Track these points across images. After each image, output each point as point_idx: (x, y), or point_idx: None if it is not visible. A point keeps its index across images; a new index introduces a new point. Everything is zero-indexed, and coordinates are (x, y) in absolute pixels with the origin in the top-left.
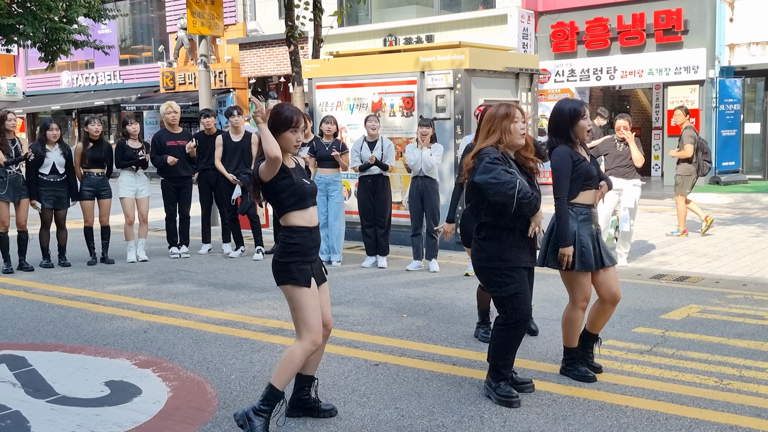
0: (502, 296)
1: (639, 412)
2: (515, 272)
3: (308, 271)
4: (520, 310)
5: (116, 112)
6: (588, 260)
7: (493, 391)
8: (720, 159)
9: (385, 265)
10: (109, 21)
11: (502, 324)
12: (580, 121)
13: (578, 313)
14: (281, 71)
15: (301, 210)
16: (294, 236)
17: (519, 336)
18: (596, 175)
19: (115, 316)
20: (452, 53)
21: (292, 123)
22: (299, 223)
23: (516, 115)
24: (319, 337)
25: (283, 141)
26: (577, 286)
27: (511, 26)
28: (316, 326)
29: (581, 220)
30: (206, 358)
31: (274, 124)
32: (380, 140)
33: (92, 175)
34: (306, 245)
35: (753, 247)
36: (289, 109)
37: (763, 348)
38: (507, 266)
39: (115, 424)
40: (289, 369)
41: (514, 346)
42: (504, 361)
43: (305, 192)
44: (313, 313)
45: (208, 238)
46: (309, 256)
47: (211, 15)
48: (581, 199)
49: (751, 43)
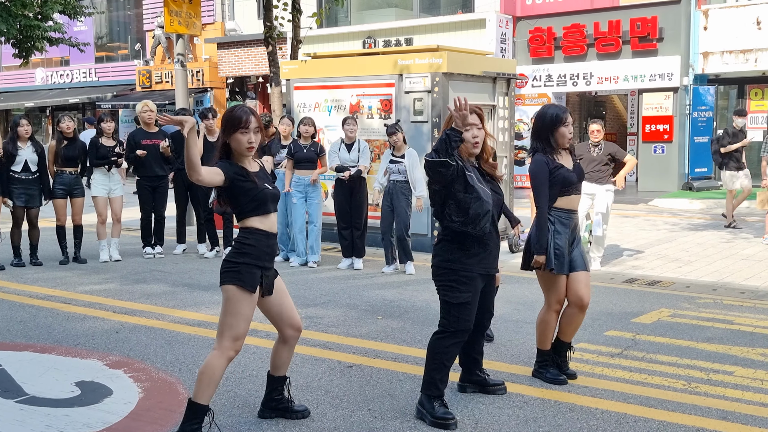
0: (450, 302)
1: (608, 414)
2: (470, 280)
3: (257, 276)
4: (464, 320)
5: (91, 110)
6: (559, 261)
7: (427, 413)
8: (693, 165)
9: (361, 267)
10: (85, 18)
11: (441, 332)
12: (561, 127)
13: (552, 316)
14: (259, 71)
15: (261, 216)
16: (250, 238)
17: (457, 346)
18: (576, 182)
19: (87, 316)
20: (430, 56)
21: (240, 123)
22: (258, 226)
23: (469, 120)
24: (239, 346)
25: (234, 143)
26: (552, 288)
27: (490, 31)
28: (242, 334)
29: (559, 224)
30: (179, 359)
31: (224, 126)
32: (357, 142)
33: (65, 173)
34: (260, 249)
35: (723, 252)
36: (240, 110)
37: (730, 352)
38: (463, 272)
39: (85, 425)
40: (211, 383)
41: (451, 357)
42: (440, 374)
43: (266, 197)
44: (244, 322)
45: (183, 238)
46: (261, 260)
47: (189, 14)
48: (561, 204)
49: (725, 52)
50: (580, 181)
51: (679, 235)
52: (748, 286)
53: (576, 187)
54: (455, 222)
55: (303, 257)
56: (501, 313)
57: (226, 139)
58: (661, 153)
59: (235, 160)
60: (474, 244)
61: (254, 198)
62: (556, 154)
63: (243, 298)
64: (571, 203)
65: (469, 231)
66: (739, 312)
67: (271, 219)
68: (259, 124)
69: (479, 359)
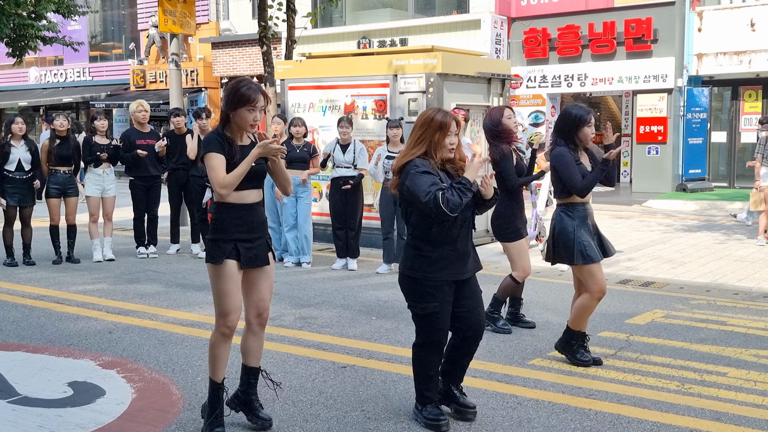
0: (417, 313)
1: (602, 416)
2: (435, 289)
3: (225, 249)
4: (435, 330)
5: (85, 110)
6: (590, 253)
7: (419, 413)
8: (687, 166)
9: (355, 267)
10: (79, 17)
11: (418, 344)
12: (585, 127)
13: (593, 303)
14: (254, 71)
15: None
16: (218, 212)
17: (436, 355)
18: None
19: (80, 316)
20: (425, 57)
21: (249, 101)
22: (228, 199)
23: (451, 128)
24: (231, 322)
25: (238, 118)
26: (589, 278)
27: (484, 31)
28: (228, 311)
29: (579, 218)
30: (172, 360)
31: (230, 100)
32: (353, 143)
33: (59, 173)
34: (230, 222)
35: (717, 253)
36: (247, 86)
37: (724, 353)
38: (426, 281)
39: (78, 426)
40: (215, 361)
41: (433, 366)
42: (425, 385)
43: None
44: (225, 298)
45: (177, 238)
46: (231, 233)
47: (183, 13)
48: (575, 199)
49: (719, 53)
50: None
51: (672, 237)
52: (742, 288)
53: None
54: (416, 228)
55: (296, 257)
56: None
57: (230, 112)
58: (655, 154)
59: (229, 131)
60: (436, 250)
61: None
62: (579, 152)
63: (216, 274)
64: (586, 197)
65: (430, 237)
66: (733, 313)
67: (243, 194)
68: (265, 101)
69: (459, 374)
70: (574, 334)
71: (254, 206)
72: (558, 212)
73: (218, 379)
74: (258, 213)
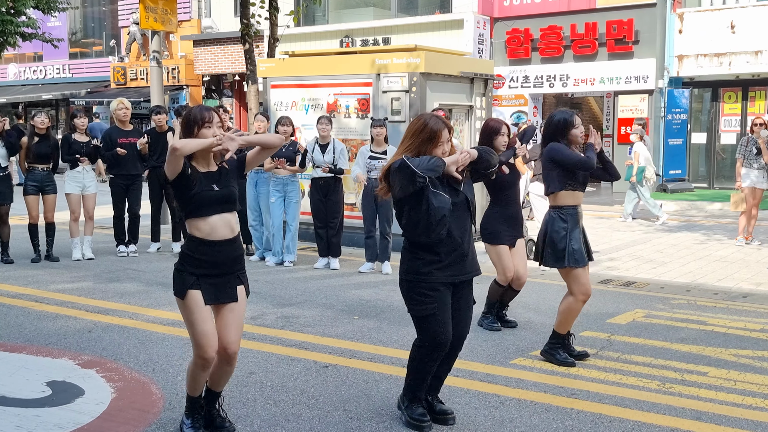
0: (416, 315)
1: (584, 415)
2: (433, 291)
3: (188, 281)
4: (435, 332)
5: (65, 107)
6: (578, 257)
7: (404, 411)
8: (667, 167)
9: (337, 266)
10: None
11: (419, 345)
12: (573, 130)
13: (577, 305)
14: (236, 69)
15: (197, 218)
16: (187, 244)
17: (434, 360)
18: (582, 179)
19: (59, 315)
20: (408, 56)
21: (204, 119)
22: (194, 234)
23: (442, 139)
24: (206, 354)
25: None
26: (574, 280)
27: (467, 31)
28: (200, 343)
29: (571, 221)
30: (152, 359)
31: (186, 126)
32: (332, 143)
33: (37, 170)
34: (195, 258)
35: (697, 253)
36: (197, 108)
37: (704, 353)
38: (424, 284)
39: (56, 426)
40: (189, 381)
41: (429, 369)
42: (417, 381)
43: (203, 201)
44: (194, 327)
45: (158, 236)
46: (197, 267)
47: (165, 10)
48: (568, 201)
49: (699, 55)
50: (585, 179)
51: (653, 237)
52: (722, 288)
53: (582, 182)
54: (408, 230)
55: (279, 256)
56: (477, 312)
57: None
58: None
59: (194, 161)
60: (430, 252)
61: (190, 200)
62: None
63: (182, 305)
64: (577, 199)
65: (422, 240)
66: (713, 313)
67: (211, 223)
68: (219, 119)
69: (436, 384)
70: (560, 336)
71: (224, 243)
72: (550, 213)
73: (195, 395)
74: (227, 250)
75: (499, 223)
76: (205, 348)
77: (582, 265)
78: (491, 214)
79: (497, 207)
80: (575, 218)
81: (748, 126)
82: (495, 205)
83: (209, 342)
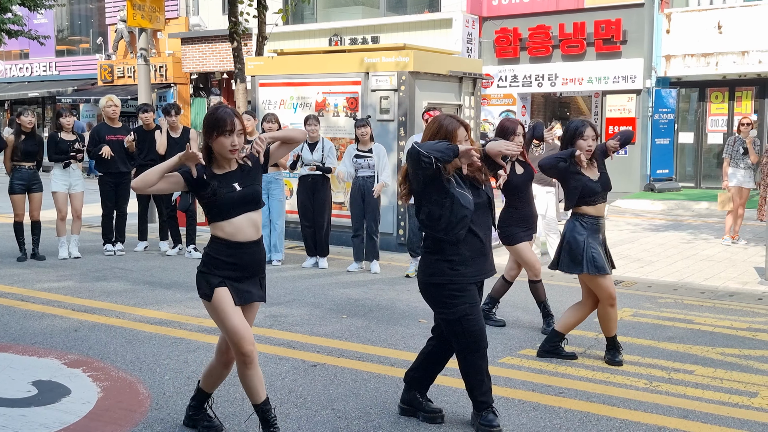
0: (448, 319)
1: (571, 413)
2: (461, 291)
3: (213, 281)
4: (472, 332)
5: (51, 104)
6: (600, 264)
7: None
8: (654, 167)
9: (325, 265)
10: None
11: (460, 352)
12: (579, 140)
13: (608, 309)
14: (224, 68)
15: (223, 221)
16: (210, 246)
17: (482, 359)
18: (600, 191)
19: (45, 314)
20: (397, 55)
21: (225, 126)
22: (218, 234)
23: (459, 137)
24: (246, 349)
25: (216, 146)
26: (598, 288)
27: (456, 30)
28: (237, 338)
29: (590, 230)
30: (139, 358)
31: (207, 128)
32: (321, 141)
33: (23, 168)
34: (219, 259)
35: (684, 252)
36: (223, 111)
37: (691, 351)
38: (451, 285)
39: (42, 425)
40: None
41: (482, 370)
42: (479, 390)
43: (227, 203)
44: (227, 323)
45: (145, 235)
46: (220, 269)
47: (152, 8)
48: (590, 212)
49: (687, 55)
50: (605, 190)
51: (641, 236)
52: (708, 287)
53: (601, 195)
54: (427, 225)
55: (267, 255)
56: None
57: (209, 141)
58: (623, 154)
59: (214, 162)
60: (455, 253)
61: (214, 205)
62: (579, 165)
63: (210, 307)
64: (599, 210)
65: (443, 237)
66: (699, 312)
67: (235, 224)
68: (242, 126)
69: (426, 383)
70: (611, 340)
71: (249, 245)
72: (571, 220)
73: (259, 401)
74: (252, 252)
75: (513, 225)
76: (242, 342)
77: (604, 272)
78: (506, 215)
79: (511, 208)
80: (596, 228)
81: (734, 126)
82: (509, 207)
83: (245, 335)
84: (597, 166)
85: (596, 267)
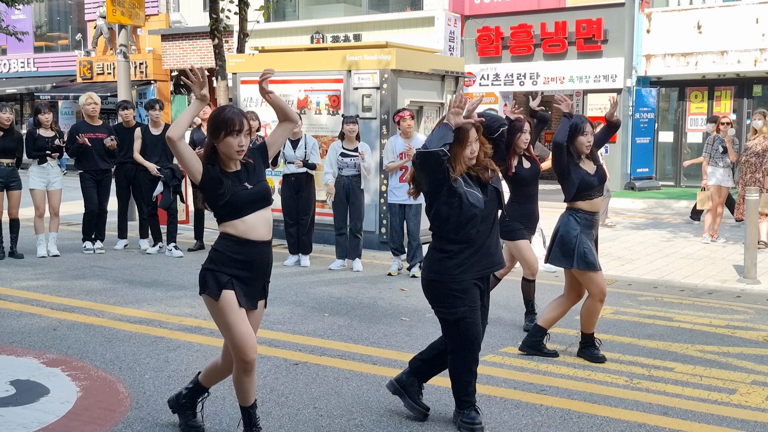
0: (446, 319)
1: (553, 411)
2: (463, 292)
3: (222, 280)
4: (466, 336)
5: (29, 101)
6: (591, 260)
7: (457, 418)
8: (634, 166)
9: (307, 263)
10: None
11: (451, 352)
12: (579, 136)
13: (596, 305)
14: (205, 65)
15: (234, 220)
16: (218, 243)
17: (473, 361)
18: (597, 185)
19: (23, 313)
20: (379, 53)
21: (233, 126)
22: (229, 231)
23: (470, 138)
24: (248, 357)
25: (223, 146)
26: (589, 283)
27: (438, 29)
28: (240, 345)
29: (584, 225)
30: (119, 357)
31: (213, 128)
32: (303, 138)
33: (1, 165)
34: (228, 255)
35: (664, 251)
36: (231, 111)
37: (671, 348)
38: (453, 284)
39: (21, 425)
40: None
41: (470, 372)
42: (464, 390)
43: (239, 202)
44: (232, 330)
45: (125, 233)
46: (229, 267)
47: (132, 4)
48: (585, 207)
49: (667, 55)
50: (601, 184)
51: (621, 234)
52: (688, 284)
53: (597, 189)
54: (437, 224)
55: None
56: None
57: (215, 141)
58: (604, 153)
59: (220, 163)
60: (461, 252)
61: (225, 204)
62: (577, 161)
63: (215, 307)
64: (594, 206)
65: (452, 237)
66: (679, 309)
67: (248, 222)
68: (249, 126)
69: (427, 378)
70: (588, 337)
71: (261, 245)
72: (566, 215)
73: (248, 404)
74: (263, 252)
75: (516, 220)
76: (246, 350)
77: (596, 269)
78: (509, 209)
79: (515, 203)
80: (589, 223)
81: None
82: (514, 202)
83: (249, 343)
84: (593, 159)
85: (586, 263)
